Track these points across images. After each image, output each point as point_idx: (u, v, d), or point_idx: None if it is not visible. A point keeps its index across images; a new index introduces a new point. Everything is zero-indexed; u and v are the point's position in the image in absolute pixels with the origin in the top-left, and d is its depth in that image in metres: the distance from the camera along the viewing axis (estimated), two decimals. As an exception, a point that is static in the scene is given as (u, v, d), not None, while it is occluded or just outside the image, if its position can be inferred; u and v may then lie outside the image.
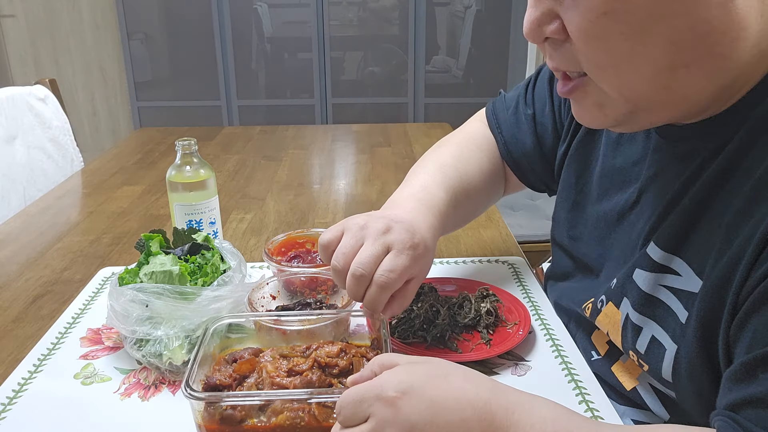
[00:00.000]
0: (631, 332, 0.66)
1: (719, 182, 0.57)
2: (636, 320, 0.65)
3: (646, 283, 0.64)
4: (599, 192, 0.78)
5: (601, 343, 0.76)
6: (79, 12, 3.39)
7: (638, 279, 0.65)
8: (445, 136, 1.02)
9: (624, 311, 0.67)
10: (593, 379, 0.72)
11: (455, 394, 0.52)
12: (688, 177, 0.61)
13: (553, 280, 0.90)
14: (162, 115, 3.51)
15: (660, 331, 0.62)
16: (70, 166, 1.80)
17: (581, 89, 0.59)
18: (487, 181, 0.93)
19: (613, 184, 0.75)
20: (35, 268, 1.06)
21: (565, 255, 0.86)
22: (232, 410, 0.60)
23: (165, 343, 0.73)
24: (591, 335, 0.78)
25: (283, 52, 3.52)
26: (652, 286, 0.63)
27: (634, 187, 0.71)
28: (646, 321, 0.64)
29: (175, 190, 0.98)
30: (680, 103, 0.56)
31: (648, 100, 0.56)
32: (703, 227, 0.58)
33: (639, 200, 0.70)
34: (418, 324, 0.79)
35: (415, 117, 3.52)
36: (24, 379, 0.74)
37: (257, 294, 0.82)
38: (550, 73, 0.91)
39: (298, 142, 1.92)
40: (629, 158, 0.73)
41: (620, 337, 0.68)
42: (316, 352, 0.67)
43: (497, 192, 0.98)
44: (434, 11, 3.42)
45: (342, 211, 1.31)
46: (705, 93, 0.55)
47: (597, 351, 0.77)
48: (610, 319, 0.70)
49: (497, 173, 0.95)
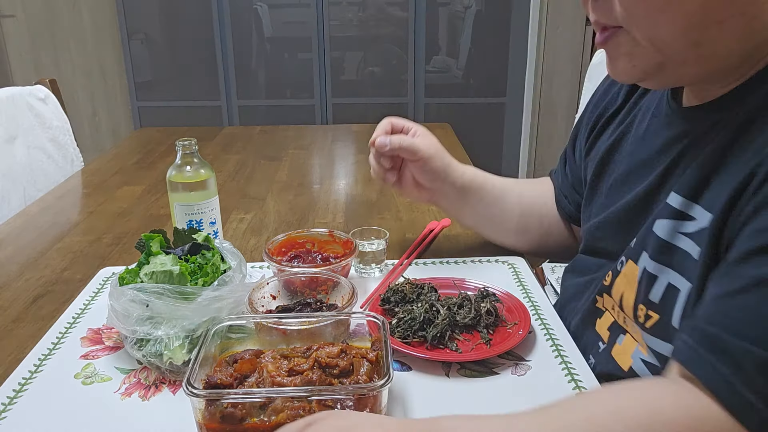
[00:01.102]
0: (645, 283, 0.67)
1: (739, 133, 0.59)
2: (652, 270, 0.66)
3: (664, 231, 0.65)
4: (626, 189, 0.78)
5: (603, 330, 0.77)
6: (79, 12, 3.39)
7: (657, 228, 0.66)
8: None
9: (642, 265, 0.68)
10: (593, 379, 0.72)
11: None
12: (710, 139, 0.63)
13: (572, 274, 0.90)
14: (162, 115, 3.51)
15: (677, 276, 0.63)
16: (71, 166, 1.80)
17: (614, 39, 0.63)
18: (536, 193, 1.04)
19: (638, 176, 0.76)
20: (35, 268, 1.06)
21: (591, 255, 0.86)
22: (232, 409, 0.60)
23: (165, 342, 0.73)
24: (595, 325, 0.79)
25: (283, 52, 3.51)
26: (670, 234, 0.65)
27: (660, 169, 0.71)
28: (662, 269, 0.65)
29: (175, 190, 0.98)
30: (709, 60, 0.60)
31: (678, 53, 0.60)
32: (721, 172, 0.60)
33: (664, 181, 0.70)
34: (418, 324, 0.79)
35: (415, 117, 3.52)
36: (24, 379, 0.74)
37: (257, 294, 0.82)
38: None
39: (298, 142, 1.92)
40: (653, 149, 0.74)
41: (634, 294, 0.69)
42: (317, 353, 0.67)
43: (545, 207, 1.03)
44: (434, 11, 3.42)
45: (342, 211, 1.31)
46: (734, 52, 0.59)
47: (603, 340, 0.77)
48: (627, 278, 0.71)
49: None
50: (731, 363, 0.49)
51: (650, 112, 0.78)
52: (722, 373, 0.50)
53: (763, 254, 0.51)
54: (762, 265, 0.51)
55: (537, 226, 1.02)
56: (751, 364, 0.48)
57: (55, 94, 1.81)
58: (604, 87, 0.93)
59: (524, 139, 3.54)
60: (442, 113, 3.50)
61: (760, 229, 0.52)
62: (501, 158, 3.63)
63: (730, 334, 0.50)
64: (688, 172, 0.64)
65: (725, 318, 0.52)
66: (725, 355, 0.50)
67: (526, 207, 1.02)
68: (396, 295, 0.86)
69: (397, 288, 0.87)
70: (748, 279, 0.51)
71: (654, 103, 0.78)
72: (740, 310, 0.51)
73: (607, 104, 0.89)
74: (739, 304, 0.51)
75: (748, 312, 0.50)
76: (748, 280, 0.51)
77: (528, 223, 1.02)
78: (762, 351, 0.48)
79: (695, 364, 0.52)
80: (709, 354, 0.51)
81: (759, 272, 0.50)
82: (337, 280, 0.85)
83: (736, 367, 0.49)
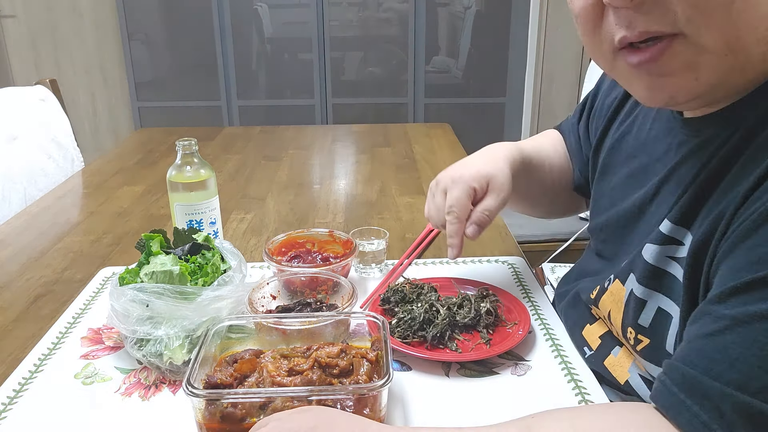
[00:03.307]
0: (633, 307, 0.66)
1: (732, 159, 0.57)
2: (640, 294, 0.66)
3: (653, 256, 0.64)
4: (625, 193, 0.78)
5: (594, 337, 0.77)
6: (79, 12, 3.39)
7: (646, 253, 0.65)
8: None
9: (629, 287, 0.68)
10: (593, 379, 0.72)
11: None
12: (706, 159, 0.61)
13: (570, 281, 0.90)
14: (162, 116, 3.51)
15: (666, 300, 0.63)
16: (71, 166, 1.80)
17: (670, 50, 0.54)
18: (558, 156, 0.99)
19: (638, 181, 0.75)
20: (36, 268, 1.06)
21: (595, 256, 0.86)
22: (232, 408, 0.60)
23: (165, 342, 0.73)
24: (583, 330, 0.79)
25: (284, 53, 3.52)
26: (659, 259, 0.64)
27: (655, 180, 0.71)
28: (651, 294, 0.65)
29: (175, 190, 0.98)
30: (764, 61, 0.54)
31: (748, 53, 0.53)
32: (712, 200, 0.59)
33: (659, 192, 0.70)
34: (418, 324, 0.79)
35: (415, 117, 3.52)
36: (24, 379, 0.74)
37: (257, 294, 0.82)
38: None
39: (298, 142, 1.92)
40: (654, 156, 0.73)
41: (621, 314, 0.68)
42: (317, 353, 0.67)
43: (566, 174, 1.00)
44: (434, 11, 3.42)
45: (342, 212, 1.31)
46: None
47: (589, 346, 0.77)
48: (613, 297, 0.71)
49: (565, 158, 1.00)
50: (711, 408, 0.48)
51: (651, 117, 0.76)
52: (703, 420, 0.48)
53: (740, 294, 0.49)
54: (738, 305, 0.49)
55: (553, 189, 1.00)
56: (731, 409, 0.47)
57: (56, 94, 1.81)
58: (608, 82, 0.90)
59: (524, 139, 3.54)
60: (442, 113, 3.50)
61: (737, 268, 0.50)
62: (501, 158, 3.62)
63: (710, 377, 0.48)
64: (678, 195, 0.63)
65: (703, 359, 0.50)
66: (706, 401, 0.48)
67: (555, 174, 0.99)
68: (396, 295, 0.86)
69: (397, 288, 0.87)
70: (727, 320, 0.49)
71: (654, 108, 0.75)
72: (719, 352, 0.49)
73: (613, 102, 0.87)
74: (718, 346, 0.49)
75: (730, 354, 0.48)
76: (727, 321, 0.49)
77: (556, 189, 1.00)
78: (741, 395, 0.46)
79: (675, 409, 0.50)
80: (689, 399, 0.49)
81: (736, 312, 0.49)
82: (337, 280, 0.85)
83: (717, 413, 0.47)
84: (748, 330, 0.48)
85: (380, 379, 0.62)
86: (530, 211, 1.04)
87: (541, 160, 0.96)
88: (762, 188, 0.51)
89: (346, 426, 0.56)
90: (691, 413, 0.49)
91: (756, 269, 0.48)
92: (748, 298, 0.48)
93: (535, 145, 0.98)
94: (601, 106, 0.89)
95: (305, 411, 0.58)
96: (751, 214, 0.50)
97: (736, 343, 0.48)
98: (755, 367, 0.46)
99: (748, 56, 0.53)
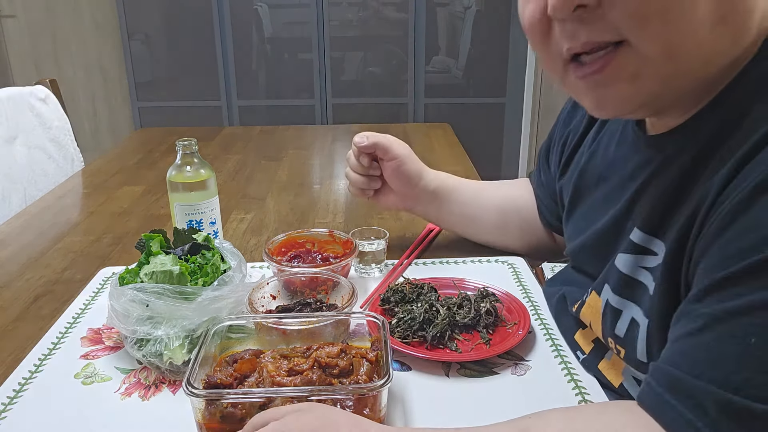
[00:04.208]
0: (610, 317, 0.67)
1: (699, 168, 0.58)
2: (615, 304, 0.66)
3: (626, 265, 0.65)
4: (601, 213, 0.77)
5: (586, 341, 0.77)
6: (79, 12, 3.39)
7: (619, 263, 0.66)
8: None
9: (605, 297, 0.68)
10: (592, 379, 0.72)
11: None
12: (673, 173, 0.62)
13: (556, 283, 0.90)
14: (162, 116, 3.51)
15: (638, 311, 0.63)
16: (71, 166, 1.80)
17: (614, 62, 0.55)
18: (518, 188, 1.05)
19: (612, 201, 0.74)
20: (36, 268, 1.06)
21: (574, 270, 0.86)
22: (232, 408, 0.61)
23: (165, 342, 0.73)
24: (575, 334, 0.79)
25: (284, 53, 3.51)
26: (632, 268, 0.64)
27: (627, 196, 0.70)
28: (624, 303, 0.65)
29: (175, 190, 0.98)
30: (706, 65, 0.55)
31: (689, 59, 0.54)
32: (677, 206, 0.59)
33: (633, 208, 0.69)
34: (418, 324, 0.79)
35: (415, 117, 3.52)
36: (24, 379, 0.74)
37: (257, 294, 0.82)
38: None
39: (298, 142, 1.92)
40: (624, 175, 0.72)
41: (600, 325, 0.69)
42: (317, 353, 0.67)
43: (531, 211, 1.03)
44: (434, 11, 3.42)
45: (342, 212, 1.31)
46: (725, 57, 0.55)
47: (582, 350, 0.77)
48: (592, 309, 0.71)
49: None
50: (695, 407, 0.48)
51: (615, 139, 0.76)
52: (687, 419, 0.48)
53: (715, 291, 0.50)
54: (714, 303, 0.50)
55: (517, 220, 1.03)
56: (714, 406, 0.47)
57: (56, 94, 1.81)
58: (567, 111, 0.92)
59: (524, 139, 3.54)
60: (442, 113, 3.50)
61: (712, 265, 0.51)
62: (501, 158, 3.62)
63: (692, 376, 0.49)
64: (649, 206, 0.64)
65: (686, 359, 0.50)
66: (689, 399, 0.49)
67: (502, 202, 1.04)
68: (396, 295, 0.86)
69: (396, 288, 0.87)
70: (706, 318, 0.50)
71: (618, 129, 0.76)
72: (700, 351, 0.49)
73: (572, 130, 0.88)
74: (698, 345, 0.50)
75: (710, 352, 0.49)
76: (705, 319, 0.50)
77: (507, 218, 1.03)
78: (723, 392, 0.47)
79: (660, 409, 0.51)
80: (673, 398, 0.50)
81: (712, 310, 0.49)
82: (337, 280, 0.85)
83: (701, 411, 0.48)
84: (725, 327, 0.48)
85: (380, 379, 0.62)
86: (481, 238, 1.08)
87: (478, 187, 1.05)
88: (731, 186, 0.52)
89: (346, 428, 0.56)
90: (675, 412, 0.49)
91: (728, 265, 0.49)
92: (724, 295, 0.49)
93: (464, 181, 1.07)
94: (562, 140, 0.91)
95: (306, 411, 0.58)
96: (722, 213, 0.51)
97: (715, 341, 0.49)
98: (734, 364, 0.47)
99: (689, 61, 0.54)
